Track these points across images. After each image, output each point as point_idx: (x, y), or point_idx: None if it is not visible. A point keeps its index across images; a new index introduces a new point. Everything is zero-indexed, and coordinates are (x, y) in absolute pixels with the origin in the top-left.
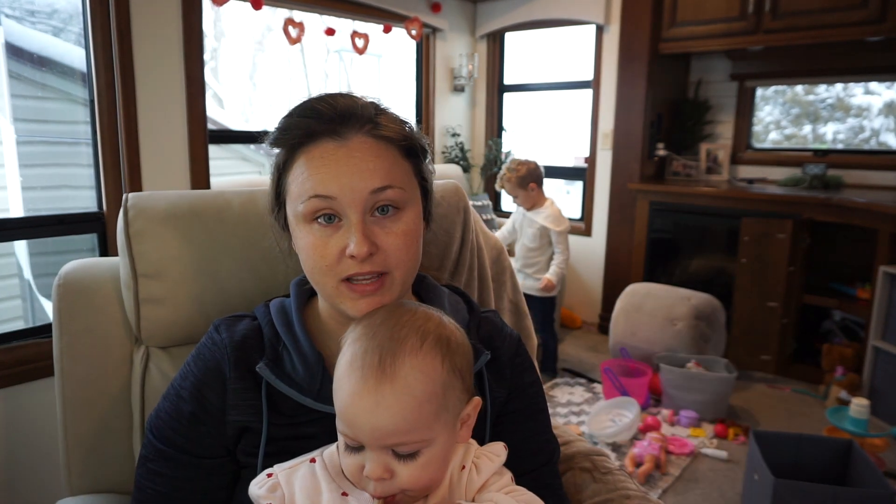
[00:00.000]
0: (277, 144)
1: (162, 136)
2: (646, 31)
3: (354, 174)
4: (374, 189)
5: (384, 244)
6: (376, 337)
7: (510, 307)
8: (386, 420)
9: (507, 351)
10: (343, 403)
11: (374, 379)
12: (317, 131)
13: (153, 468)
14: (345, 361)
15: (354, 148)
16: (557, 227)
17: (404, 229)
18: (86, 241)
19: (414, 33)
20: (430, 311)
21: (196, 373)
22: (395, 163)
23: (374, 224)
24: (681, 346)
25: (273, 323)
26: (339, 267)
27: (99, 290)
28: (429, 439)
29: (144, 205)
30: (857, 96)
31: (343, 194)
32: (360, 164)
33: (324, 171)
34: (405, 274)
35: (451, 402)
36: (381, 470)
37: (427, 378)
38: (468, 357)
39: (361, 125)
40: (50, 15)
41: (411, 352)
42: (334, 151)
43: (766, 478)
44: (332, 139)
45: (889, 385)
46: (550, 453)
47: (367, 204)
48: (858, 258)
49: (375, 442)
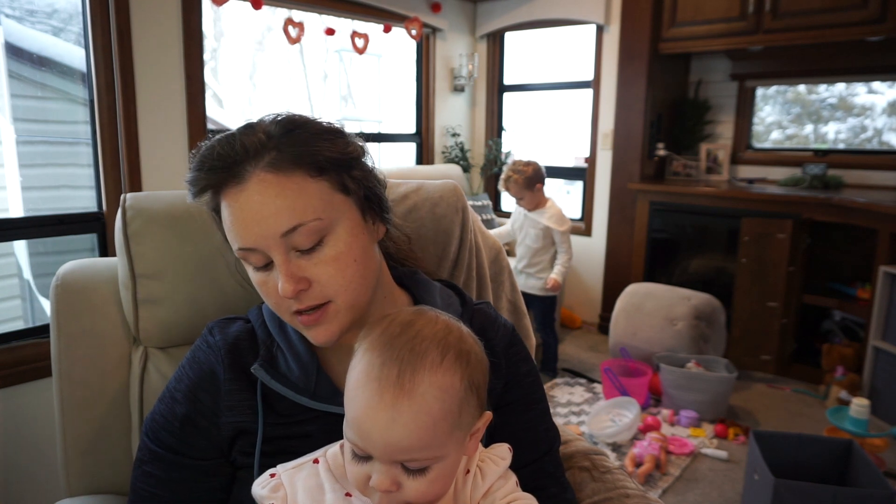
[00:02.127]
0: (195, 197)
1: (162, 136)
2: (646, 31)
3: (260, 221)
4: (283, 232)
5: (314, 275)
6: (395, 347)
7: (508, 307)
8: (401, 437)
9: (502, 341)
10: (357, 415)
11: (391, 394)
12: (214, 183)
13: (148, 470)
14: (360, 370)
15: (253, 190)
16: (561, 226)
17: (333, 255)
18: (85, 241)
19: (414, 33)
20: (451, 322)
21: (191, 375)
22: (302, 192)
23: (300, 258)
24: (681, 346)
25: (266, 324)
26: (284, 303)
27: (97, 291)
28: (440, 456)
29: (142, 205)
30: (859, 95)
31: (258, 242)
32: (262, 208)
33: (237, 221)
34: (352, 296)
35: (465, 420)
36: (389, 483)
37: (445, 396)
38: (485, 372)
39: (258, 160)
40: (50, 15)
41: (431, 368)
42: (237, 197)
43: (766, 478)
44: (233, 184)
45: (889, 385)
46: (551, 442)
47: (284, 245)
48: (858, 258)
49: (387, 457)
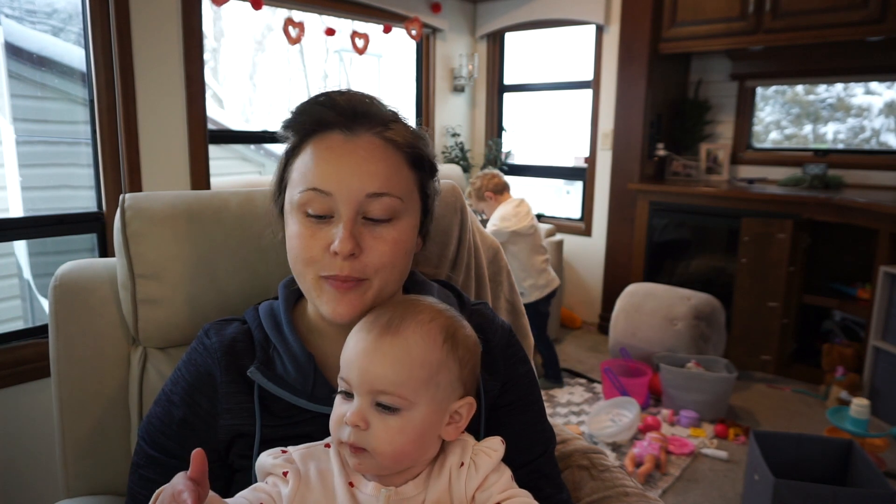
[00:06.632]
0: (290, 128)
1: (162, 136)
2: (646, 31)
3: (355, 173)
4: (371, 193)
5: (369, 247)
6: (392, 306)
7: (507, 307)
8: (378, 365)
9: (499, 342)
10: (345, 351)
11: (377, 331)
12: (329, 122)
13: (145, 475)
14: (358, 324)
15: (361, 145)
16: (493, 222)
17: (395, 237)
18: (85, 241)
19: (414, 33)
20: (453, 310)
21: (187, 377)
22: (399, 170)
23: (363, 226)
24: (681, 346)
25: (262, 326)
26: (321, 262)
27: (95, 291)
28: (411, 401)
29: (141, 205)
30: (857, 96)
31: (340, 191)
32: (362, 163)
33: (326, 164)
34: (384, 283)
35: (443, 382)
36: (359, 417)
37: (426, 345)
38: (472, 354)
39: (373, 125)
40: (50, 15)
41: (419, 321)
42: (342, 145)
43: (766, 478)
44: (342, 132)
45: (889, 385)
46: (546, 442)
47: (361, 206)
48: (858, 258)
49: (363, 384)
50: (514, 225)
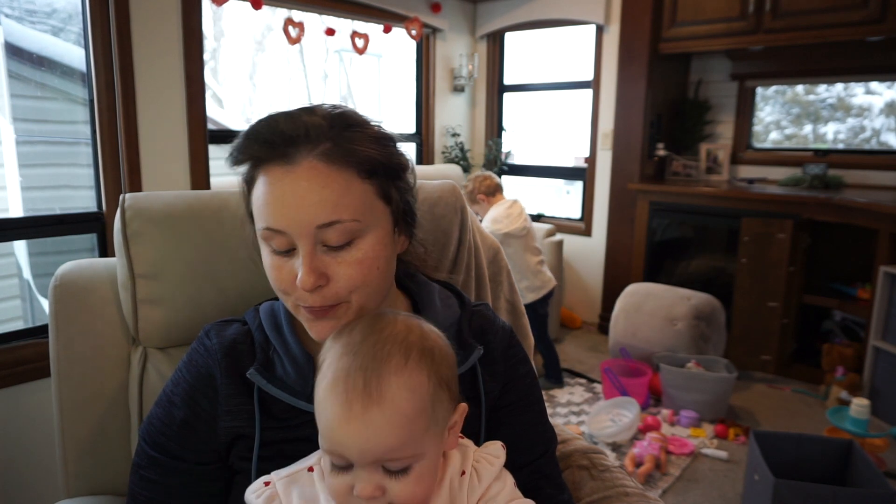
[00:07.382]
0: (234, 164)
1: (162, 136)
2: (646, 31)
3: (301, 206)
4: (321, 224)
5: (335, 274)
6: (358, 356)
7: (507, 307)
8: (376, 442)
9: (500, 344)
10: (328, 427)
11: (360, 403)
12: (263, 157)
13: (146, 475)
14: (326, 383)
15: (301, 175)
16: (484, 225)
17: (359, 258)
18: (85, 241)
19: (414, 33)
20: (411, 320)
21: (188, 378)
22: (348, 189)
23: (325, 254)
24: (681, 346)
25: (263, 327)
26: (294, 293)
27: (95, 291)
28: (420, 454)
29: (141, 205)
30: (857, 96)
31: (290, 227)
32: (306, 195)
33: (273, 200)
34: (364, 299)
35: (440, 415)
36: (373, 488)
37: (415, 395)
38: (452, 366)
39: (313, 146)
40: (49, 15)
41: (396, 370)
42: (282, 178)
43: (766, 478)
44: (280, 164)
45: (889, 385)
46: (547, 443)
47: (315, 237)
48: (858, 258)
49: (366, 459)
50: (506, 227)
